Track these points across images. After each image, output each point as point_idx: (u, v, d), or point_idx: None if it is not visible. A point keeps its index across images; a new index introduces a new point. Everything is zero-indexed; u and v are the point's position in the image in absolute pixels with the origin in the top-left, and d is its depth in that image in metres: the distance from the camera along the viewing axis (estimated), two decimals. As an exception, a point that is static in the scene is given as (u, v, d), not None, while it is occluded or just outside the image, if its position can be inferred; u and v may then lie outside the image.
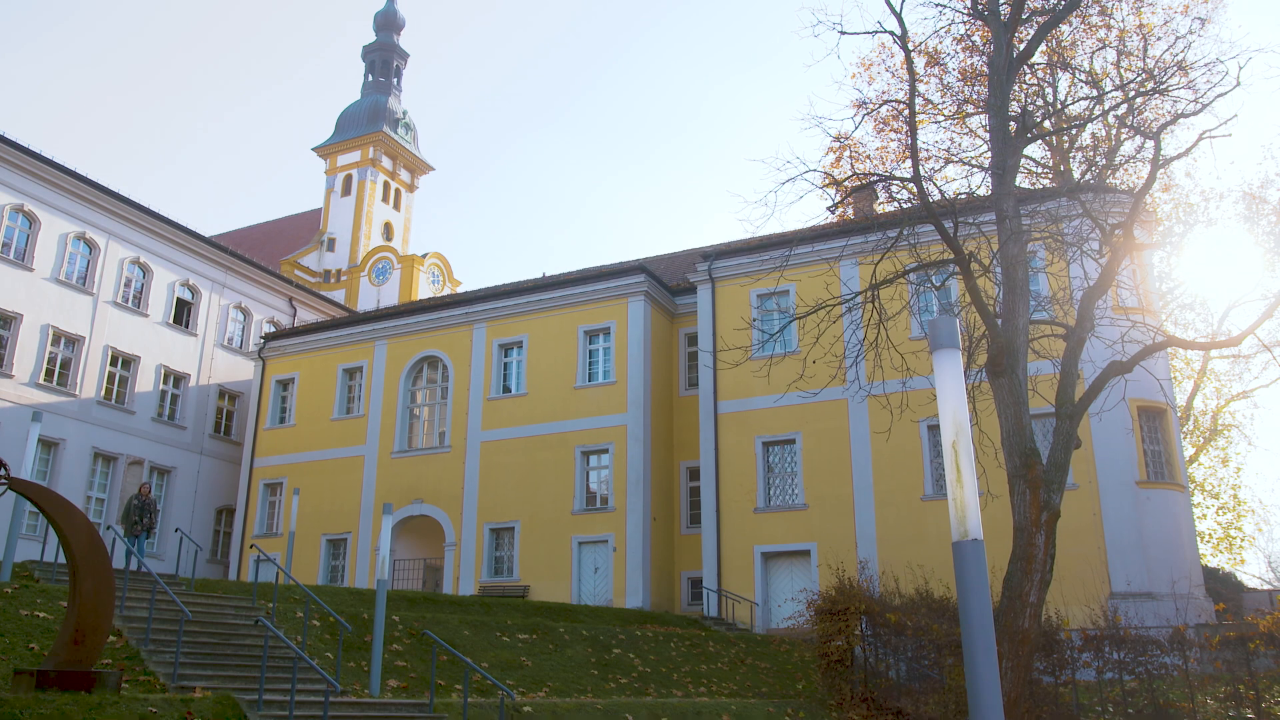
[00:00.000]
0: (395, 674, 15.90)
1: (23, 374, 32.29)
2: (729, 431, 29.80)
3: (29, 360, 32.55)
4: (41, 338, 33.05)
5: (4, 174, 32.38)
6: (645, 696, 17.87)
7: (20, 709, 9.61)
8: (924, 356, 23.58)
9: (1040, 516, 13.55)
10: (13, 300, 32.25)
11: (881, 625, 20.38)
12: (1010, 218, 14.99)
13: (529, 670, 17.81)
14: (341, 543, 35.07)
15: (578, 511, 30.94)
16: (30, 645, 12.86)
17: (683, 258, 38.41)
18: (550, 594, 29.59)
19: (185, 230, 38.55)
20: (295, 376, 38.11)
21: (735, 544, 28.77)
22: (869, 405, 26.30)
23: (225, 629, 15.49)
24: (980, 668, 4.84)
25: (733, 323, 29.56)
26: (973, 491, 5.09)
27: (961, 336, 4.80)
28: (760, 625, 27.53)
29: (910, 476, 26.91)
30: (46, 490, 12.01)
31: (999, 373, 14.28)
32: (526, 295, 34.10)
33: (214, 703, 11.32)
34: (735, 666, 21.67)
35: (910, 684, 20.09)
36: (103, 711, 10.12)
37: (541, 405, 32.59)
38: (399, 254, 61.09)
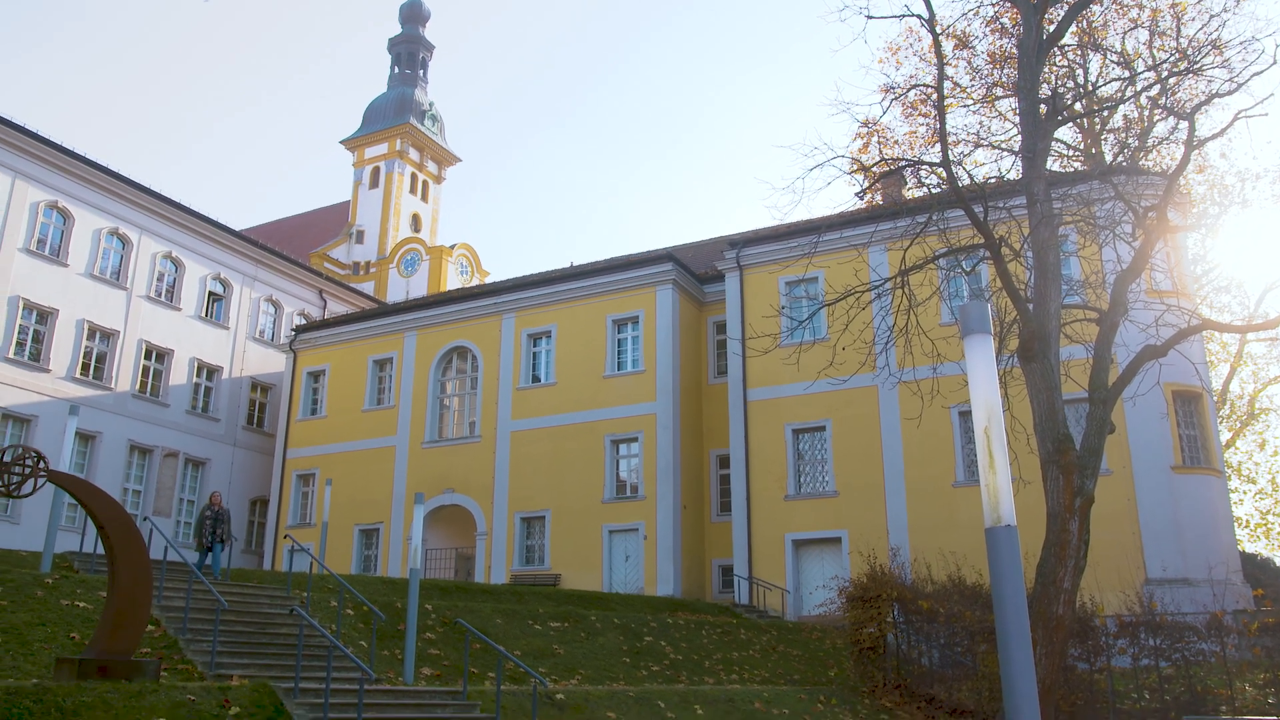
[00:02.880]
0: (429, 662, 16.03)
1: (60, 368, 32.76)
2: (758, 419, 29.76)
3: (65, 354, 33.02)
4: (77, 332, 33.50)
5: (38, 171, 32.82)
6: (677, 684, 17.92)
7: (63, 697, 9.78)
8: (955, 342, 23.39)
9: (1074, 502, 13.45)
10: (49, 296, 32.70)
11: (914, 612, 20.32)
12: (1041, 201, 14.84)
13: (561, 658, 17.90)
14: (374, 532, 35.36)
15: (608, 500, 31.02)
16: (71, 634, 13.07)
17: (710, 245, 38.33)
18: (581, 582, 29.71)
19: (215, 224, 38.91)
20: (326, 368, 38.41)
21: (766, 531, 28.75)
22: (899, 392, 26.16)
23: (261, 618, 15.67)
24: (1014, 654, 4.82)
25: (761, 310, 29.48)
26: (1005, 477, 5.06)
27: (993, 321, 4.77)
28: (792, 612, 27.52)
29: (942, 463, 26.77)
30: (84, 482, 12.19)
31: (1031, 358, 14.16)
32: (555, 285, 34.16)
33: (251, 691, 11.47)
34: (767, 654, 21.68)
35: (943, 671, 20.03)
36: (143, 699, 10.28)
37: (571, 394, 32.67)
38: (427, 245, 61.33)
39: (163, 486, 35.50)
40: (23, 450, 11.11)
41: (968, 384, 5.32)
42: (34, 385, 31.80)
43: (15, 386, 31.29)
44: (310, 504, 37.05)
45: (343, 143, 65.72)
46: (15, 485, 10.92)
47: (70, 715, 9.58)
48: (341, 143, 65.83)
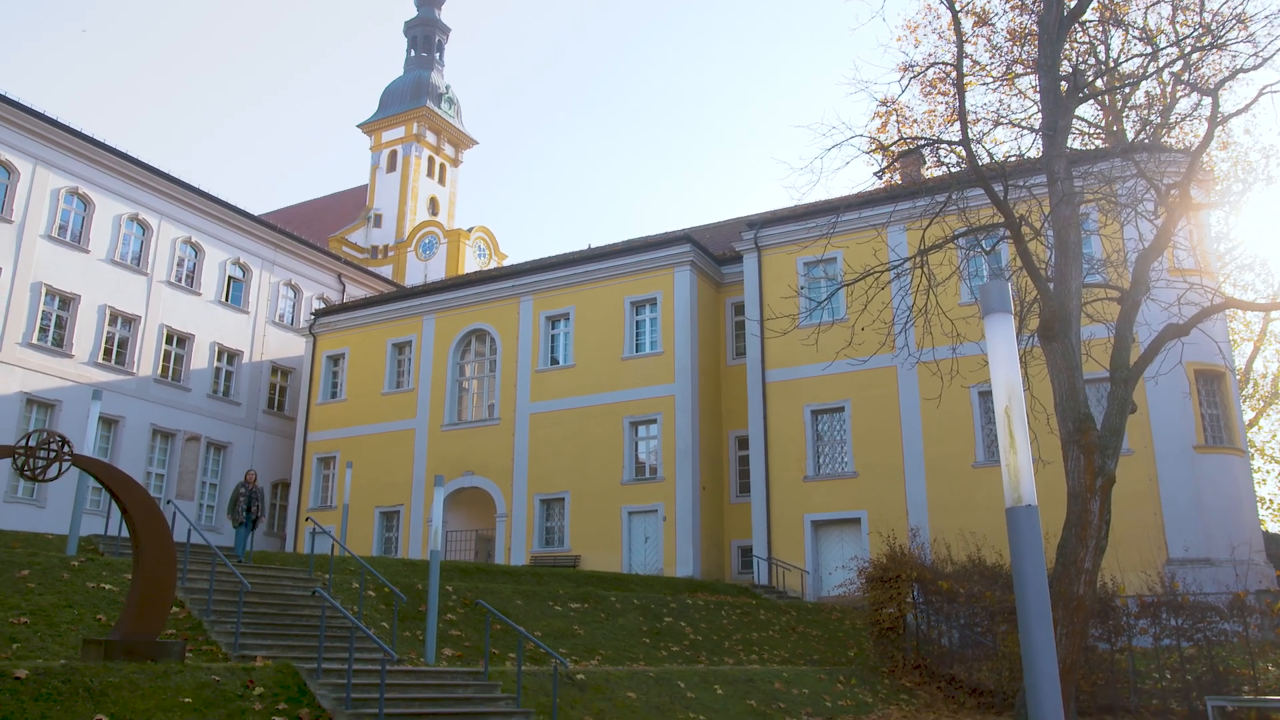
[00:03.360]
0: (450, 643, 16.14)
1: (82, 353, 33.03)
2: (777, 400, 29.73)
3: (88, 340, 33.28)
4: (99, 318, 33.76)
5: (58, 157, 33.03)
6: (697, 664, 17.99)
7: (91, 677, 9.91)
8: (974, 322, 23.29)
9: (1095, 482, 13.39)
10: (70, 282, 32.95)
11: (933, 592, 20.32)
12: (1062, 180, 14.72)
13: (581, 639, 17.99)
14: (394, 515, 35.58)
15: (627, 482, 31.09)
16: (98, 616, 13.23)
17: (728, 227, 38.23)
18: (601, 564, 29.83)
19: (235, 209, 39.08)
20: (345, 352, 38.58)
21: (785, 512, 28.78)
22: (919, 372, 26.06)
23: (283, 600, 15.81)
24: (1035, 634, 4.82)
25: (779, 291, 29.41)
26: (1026, 457, 5.05)
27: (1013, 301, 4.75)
28: (811, 593, 27.56)
29: (961, 443, 26.69)
30: (108, 466, 12.30)
31: (1052, 337, 14.08)
32: (572, 267, 34.16)
33: (275, 671, 11.58)
34: (786, 634, 21.73)
35: (963, 651, 20.03)
36: (169, 680, 10.40)
37: (589, 376, 32.72)
38: (445, 228, 61.40)
39: (185, 470, 35.81)
40: (47, 435, 11.22)
41: (988, 364, 5.30)
42: (57, 370, 32.09)
43: (39, 372, 31.58)
44: (331, 487, 37.30)
45: (360, 126, 65.79)
46: (40, 469, 11.04)
47: (98, 695, 9.71)
48: (358, 126, 65.91)
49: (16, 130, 31.86)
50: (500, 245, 64.36)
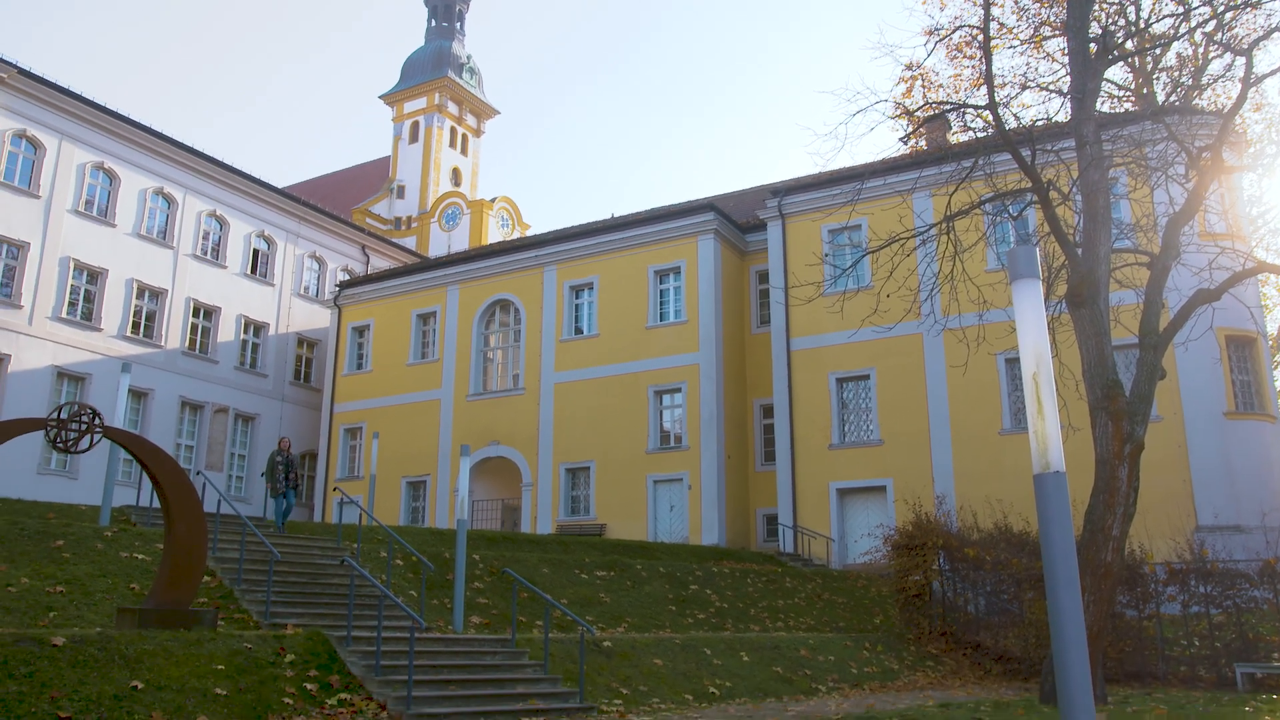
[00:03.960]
0: (477, 611, 16.30)
1: (111, 327, 33.37)
2: (802, 368, 29.67)
3: (116, 313, 33.60)
4: (127, 292, 34.05)
5: (83, 132, 33.22)
6: (723, 631, 18.10)
7: (126, 645, 10.09)
8: (1001, 289, 23.12)
9: (1123, 449, 13.31)
10: (98, 256, 33.23)
11: (960, 560, 20.33)
12: (1090, 143, 14.54)
13: (607, 606, 18.12)
14: (421, 485, 35.85)
15: (652, 450, 31.17)
16: (131, 585, 13.44)
17: (752, 194, 38.02)
18: (626, 532, 29.98)
19: (259, 182, 39.22)
20: (370, 323, 38.78)
21: (810, 481, 28.79)
22: (944, 339, 25.92)
23: (313, 569, 16.00)
24: (1062, 601, 4.80)
25: (804, 259, 29.26)
26: (1054, 423, 5.02)
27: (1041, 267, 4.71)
28: (836, 561, 27.61)
29: (987, 411, 26.57)
30: (139, 438, 12.45)
31: (1080, 303, 13.96)
32: (596, 236, 34.11)
33: (305, 639, 11.75)
34: (812, 601, 21.80)
35: (989, 618, 20.06)
36: (202, 647, 10.58)
37: (613, 346, 32.75)
38: (468, 199, 61.42)
39: (214, 442, 36.19)
40: (79, 407, 11.37)
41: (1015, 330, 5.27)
42: (87, 344, 32.44)
43: (69, 345, 31.95)
44: (358, 457, 37.60)
45: (382, 98, 65.75)
46: (72, 441, 11.20)
47: (133, 663, 9.89)
48: (380, 98, 65.88)
49: (43, 106, 32.05)
50: (523, 215, 64.28)
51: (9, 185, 30.99)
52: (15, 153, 31.47)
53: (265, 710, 10.06)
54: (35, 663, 9.34)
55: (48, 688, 9.10)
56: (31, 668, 9.26)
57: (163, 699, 9.57)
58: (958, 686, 16.84)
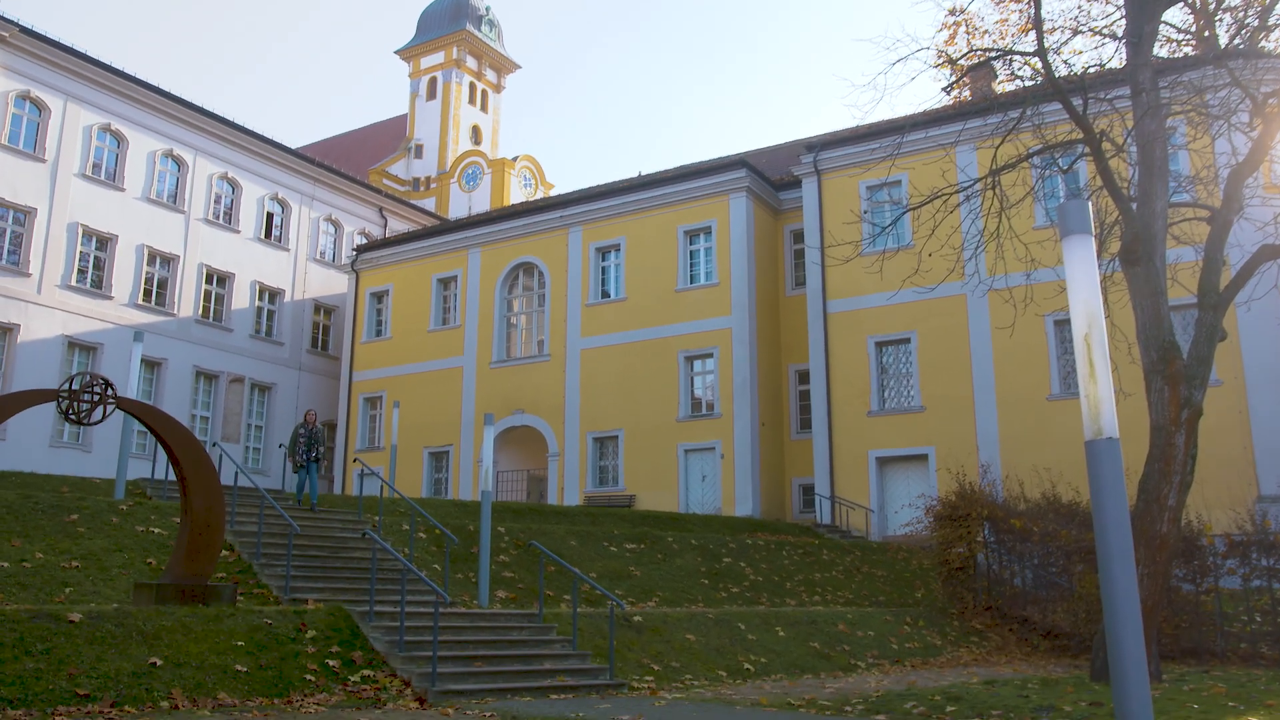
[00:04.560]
0: (503, 585, 16.44)
1: (122, 295, 33.70)
2: (839, 332, 29.55)
3: (127, 281, 33.92)
4: (137, 258, 34.35)
5: (89, 93, 33.40)
6: (758, 606, 18.17)
7: (144, 620, 10.26)
8: (1049, 246, 22.86)
9: (1180, 414, 13.17)
10: (107, 221, 33.51)
11: (1005, 531, 20.27)
12: (1147, 90, 14.28)
13: (638, 580, 18.22)
14: (443, 455, 36.12)
15: (683, 418, 31.21)
16: (148, 560, 13.65)
17: (786, 150, 37.73)
18: (657, 503, 30.10)
19: (271, 143, 39.34)
20: (389, 288, 38.95)
21: (848, 449, 28.75)
22: (989, 300, 25.70)
23: (333, 542, 16.18)
24: (1116, 574, 4.77)
25: (841, 217, 29.04)
26: (1107, 387, 4.97)
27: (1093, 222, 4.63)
28: (876, 532, 27.62)
29: (1035, 375, 26.38)
30: (153, 409, 12.60)
31: (1134, 261, 13.77)
32: (623, 196, 34.01)
33: (326, 614, 11.90)
34: (851, 575, 21.83)
35: (1036, 592, 20.02)
36: (221, 623, 10.74)
37: (642, 310, 32.73)
38: (489, 158, 61.31)
39: (230, 412, 36.58)
40: (90, 378, 11.50)
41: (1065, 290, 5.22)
42: (97, 313, 32.79)
43: (79, 314, 32.31)
44: (378, 427, 37.92)
45: (397, 53, 65.58)
46: (85, 413, 11.34)
47: (151, 639, 10.06)
48: (396, 53, 65.71)
49: (46, 66, 32.23)
50: (546, 174, 64.12)
51: (13, 149, 31.25)
52: (19, 115, 31.70)
53: (287, 687, 10.21)
54: (52, 639, 9.52)
55: (65, 665, 9.28)
56: (48, 644, 9.44)
57: (182, 676, 9.73)
58: (1003, 663, 16.85)
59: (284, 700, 9.94)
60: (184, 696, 9.43)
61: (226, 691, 9.78)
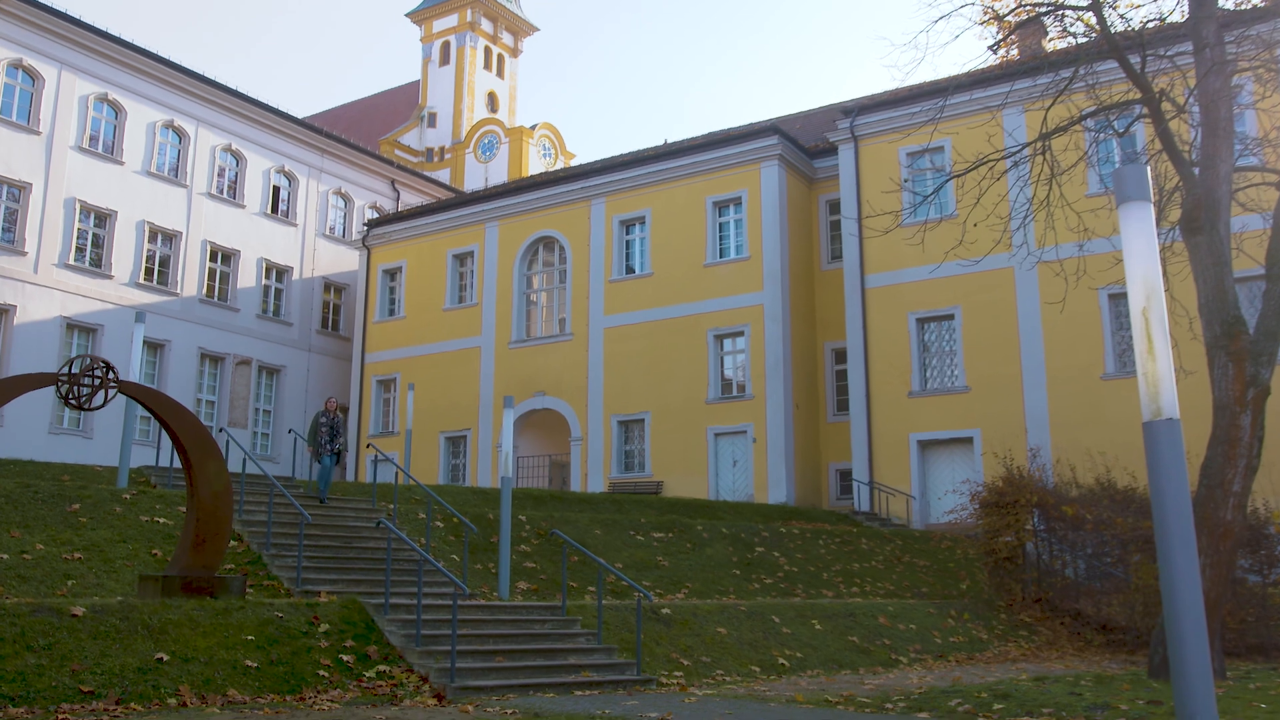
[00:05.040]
0: (524, 576, 16.52)
1: (122, 274, 33.96)
2: (878, 307, 29.41)
3: (127, 259, 34.17)
4: (138, 235, 34.60)
5: (85, 61, 33.57)
6: (793, 597, 18.18)
7: (149, 614, 10.37)
8: (1104, 215, 22.63)
9: (1245, 393, 13.04)
10: (106, 196, 33.74)
11: (1056, 519, 20.18)
12: (1211, 46, 14.08)
13: (666, 570, 18.27)
14: (461, 440, 36.28)
15: (712, 400, 31.19)
16: (153, 551, 13.79)
17: (820, 115, 37.51)
18: (685, 490, 30.13)
19: (276, 112, 39.46)
20: (402, 265, 39.07)
21: (888, 432, 28.66)
22: (1039, 273, 25.51)
23: (346, 532, 16.30)
24: (1176, 564, 4.74)
25: (880, 185, 28.83)
26: (1167, 365, 4.92)
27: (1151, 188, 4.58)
28: (918, 520, 27.57)
29: (1088, 352, 26.18)
30: (157, 393, 12.69)
31: (1196, 229, 13.61)
32: (648, 165, 33.93)
33: (340, 607, 12.00)
34: (891, 565, 21.80)
35: (1090, 583, 19.94)
36: (230, 617, 10.85)
37: (668, 286, 32.69)
38: (506, 126, 61.30)
39: (236, 396, 36.87)
40: (91, 361, 11.58)
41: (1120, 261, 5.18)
42: (97, 293, 33.08)
43: (78, 294, 32.60)
44: (392, 411, 38.12)
45: (408, 16, 65.59)
46: (85, 398, 11.42)
47: (158, 633, 10.17)
48: (407, 16, 65.72)
49: (39, 32, 32.41)
50: (567, 144, 64.06)
51: (6, 120, 31.48)
52: (11, 84, 31.90)
53: (299, 683, 10.31)
54: (54, 634, 9.64)
55: (68, 660, 9.40)
56: (50, 639, 9.56)
57: (190, 672, 9.84)
58: (1054, 659, 16.80)
59: (296, 697, 10.04)
60: (192, 693, 9.54)
61: (236, 688, 9.88)
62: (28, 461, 18.68)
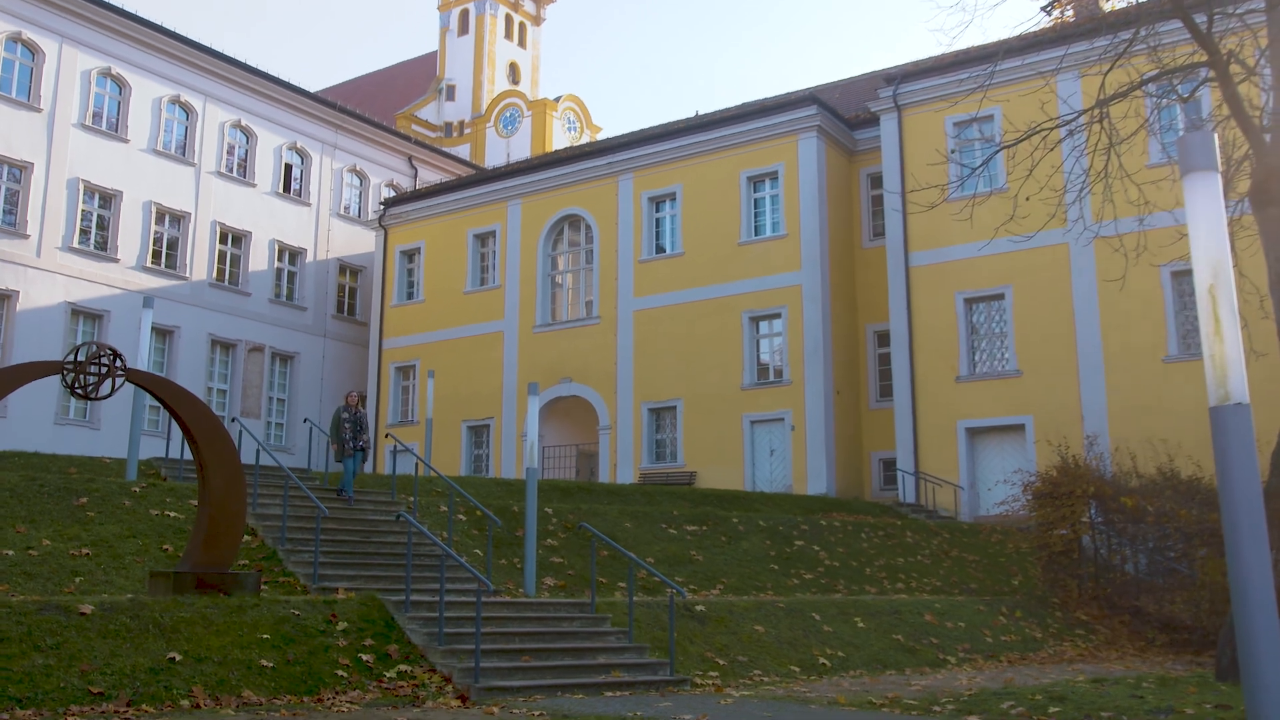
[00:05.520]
0: (551, 571, 16.58)
1: (129, 257, 34.23)
2: (923, 287, 29.27)
3: (134, 241, 34.44)
4: (144, 216, 34.84)
5: (86, 34, 33.78)
6: (834, 593, 18.16)
7: (161, 612, 10.47)
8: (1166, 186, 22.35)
9: (1318, 376, 12.89)
10: (111, 176, 34.00)
11: (1115, 511, 20.04)
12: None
13: (700, 566, 18.29)
14: (484, 429, 36.42)
15: (748, 386, 31.16)
16: (164, 547, 13.94)
17: (861, 84, 37.30)
18: (720, 480, 30.13)
19: (288, 86, 39.62)
20: (421, 246, 39.19)
21: (934, 419, 28.55)
22: (1095, 249, 25.28)
23: (365, 526, 16.41)
24: (1246, 558, 4.69)
25: (925, 157, 28.65)
26: (1235, 346, 4.87)
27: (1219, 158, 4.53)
28: (966, 512, 27.47)
29: (1149, 334, 25.96)
30: (166, 381, 12.80)
31: (1267, 202, 13.44)
32: (678, 139, 33.85)
33: (359, 604, 12.07)
34: (938, 559, 21.75)
35: (1151, 579, 19.80)
36: (244, 614, 10.93)
37: (701, 266, 32.64)
38: (528, 99, 61.35)
39: (249, 385, 37.15)
40: (97, 348, 11.66)
41: (1184, 236, 5.12)
42: (103, 277, 33.36)
43: (83, 279, 32.89)
44: (412, 399, 38.31)
45: (425, -19, 65.57)
46: (92, 387, 11.50)
47: (169, 632, 10.27)
48: (424, -19, 65.72)
49: (38, 4, 32.60)
50: (593, 117, 64.06)
51: (5, 97, 31.73)
52: (10, 59, 32.15)
53: (317, 684, 10.39)
54: (62, 633, 9.75)
55: (77, 660, 9.51)
56: (58, 638, 9.67)
57: (203, 672, 9.94)
58: (1114, 659, 16.70)
59: (314, 698, 10.12)
60: (205, 694, 9.63)
61: (251, 689, 9.96)
62: (33, 454, 18.91)
